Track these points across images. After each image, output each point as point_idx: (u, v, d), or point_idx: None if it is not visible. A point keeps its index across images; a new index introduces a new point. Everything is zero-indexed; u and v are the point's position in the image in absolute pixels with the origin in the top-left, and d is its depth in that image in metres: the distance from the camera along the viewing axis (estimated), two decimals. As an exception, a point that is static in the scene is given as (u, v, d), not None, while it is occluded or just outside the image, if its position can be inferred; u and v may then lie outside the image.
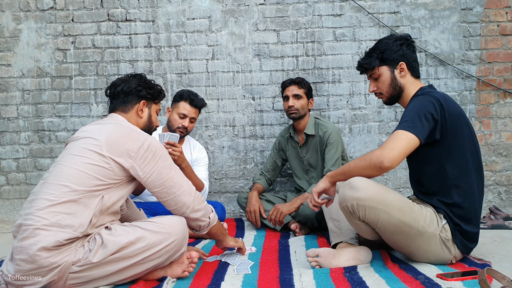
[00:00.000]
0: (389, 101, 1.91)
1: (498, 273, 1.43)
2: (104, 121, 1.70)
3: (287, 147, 2.88)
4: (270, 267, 1.80)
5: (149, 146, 1.59)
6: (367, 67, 1.89)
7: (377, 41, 1.92)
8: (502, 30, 3.16)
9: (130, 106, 1.77)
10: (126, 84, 1.78)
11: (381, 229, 1.67)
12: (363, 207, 1.62)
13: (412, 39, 1.90)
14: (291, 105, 2.68)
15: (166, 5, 3.20)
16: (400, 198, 1.66)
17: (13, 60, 3.20)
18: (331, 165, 2.59)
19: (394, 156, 1.57)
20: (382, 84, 1.87)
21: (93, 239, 1.49)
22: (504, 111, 3.17)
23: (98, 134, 1.58)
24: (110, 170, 1.53)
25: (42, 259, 1.38)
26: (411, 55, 1.85)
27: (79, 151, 1.54)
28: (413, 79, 1.86)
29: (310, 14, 3.19)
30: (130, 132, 1.61)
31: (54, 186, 1.47)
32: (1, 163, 3.22)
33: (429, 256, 1.70)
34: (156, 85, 1.87)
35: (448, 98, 1.73)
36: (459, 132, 1.69)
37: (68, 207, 1.45)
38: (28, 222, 1.42)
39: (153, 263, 1.52)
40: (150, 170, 1.58)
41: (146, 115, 1.82)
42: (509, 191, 3.17)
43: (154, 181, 1.60)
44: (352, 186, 1.64)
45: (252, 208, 2.63)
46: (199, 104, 2.65)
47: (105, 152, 1.53)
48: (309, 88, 2.77)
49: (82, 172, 1.49)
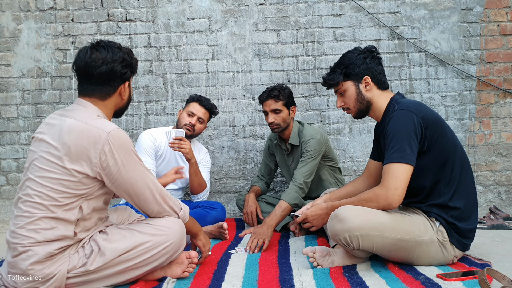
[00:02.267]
0: (358, 116, 1.90)
1: (498, 273, 1.43)
2: (67, 111, 1.51)
3: (276, 152, 2.84)
4: (270, 267, 1.80)
5: (109, 150, 1.41)
6: (331, 83, 1.88)
7: (342, 55, 1.90)
8: (502, 30, 3.16)
9: (112, 91, 1.53)
10: (109, 65, 1.49)
11: (377, 251, 1.68)
12: (355, 238, 1.62)
13: (378, 51, 1.87)
14: (271, 121, 2.57)
15: (166, 5, 3.20)
16: (389, 216, 1.66)
17: (13, 60, 3.20)
18: (300, 167, 2.47)
19: (400, 195, 1.63)
20: (349, 99, 1.86)
21: (88, 245, 1.47)
22: (504, 111, 3.17)
23: (57, 138, 1.42)
24: (77, 181, 1.41)
25: (36, 272, 1.37)
26: (376, 67, 1.83)
27: (41, 162, 1.42)
28: (381, 92, 1.84)
29: (310, 14, 3.19)
30: (89, 136, 1.41)
31: (28, 203, 1.40)
32: (1, 163, 3.22)
33: (431, 261, 1.70)
34: (131, 52, 1.60)
35: (423, 108, 1.73)
36: (443, 137, 1.71)
37: (48, 223, 1.39)
38: (14, 240, 1.39)
39: (152, 265, 1.52)
40: (113, 176, 1.44)
41: (127, 93, 1.61)
42: (509, 191, 3.17)
43: (119, 186, 1.47)
44: (340, 219, 1.64)
45: (249, 210, 2.62)
46: (207, 104, 2.67)
47: (67, 164, 1.39)
48: (289, 97, 2.60)
49: (49, 189, 1.39)
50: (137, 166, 1.48)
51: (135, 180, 1.47)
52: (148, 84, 3.21)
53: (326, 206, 1.86)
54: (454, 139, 1.75)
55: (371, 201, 1.67)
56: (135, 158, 1.48)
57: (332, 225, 1.68)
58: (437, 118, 1.74)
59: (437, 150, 1.70)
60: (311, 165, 2.49)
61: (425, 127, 1.68)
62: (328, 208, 1.84)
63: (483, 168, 3.18)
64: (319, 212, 1.87)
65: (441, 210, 1.70)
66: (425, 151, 1.69)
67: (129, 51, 1.58)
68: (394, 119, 1.71)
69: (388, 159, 1.66)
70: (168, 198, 1.58)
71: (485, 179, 3.18)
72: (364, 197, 1.70)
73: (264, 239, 2.14)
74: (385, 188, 1.64)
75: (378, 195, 1.65)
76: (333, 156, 2.72)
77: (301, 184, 2.42)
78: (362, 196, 1.71)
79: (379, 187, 1.67)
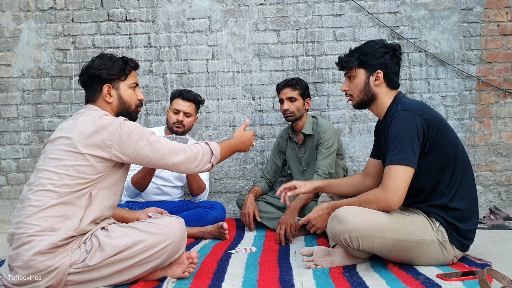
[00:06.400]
0: (358, 105, 1.88)
1: (498, 273, 1.43)
2: (78, 115, 1.63)
3: (286, 148, 2.88)
4: (270, 267, 1.80)
5: (122, 129, 1.53)
6: (345, 65, 1.85)
7: (365, 42, 1.88)
8: (502, 30, 3.16)
9: (97, 95, 1.66)
10: (86, 73, 1.66)
11: (377, 252, 1.68)
12: (355, 238, 1.62)
13: (401, 52, 1.85)
14: (286, 109, 2.68)
15: (166, 5, 3.20)
16: (389, 217, 1.66)
17: (13, 60, 3.20)
18: (322, 158, 2.57)
19: (399, 198, 1.63)
20: (355, 87, 1.85)
21: (90, 240, 1.48)
22: (504, 111, 3.17)
23: (71, 131, 1.52)
24: (90, 166, 1.49)
25: (38, 263, 1.38)
26: (393, 66, 1.81)
27: (56, 153, 1.50)
28: (389, 90, 1.82)
29: (310, 14, 3.19)
30: (100, 121, 1.53)
31: (39, 192, 1.45)
32: (1, 163, 3.21)
33: (431, 261, 1.70)
34: (118, 59, 1.70)
35: (426, 109, 1.73)
36: (445, 139, 1.71)
37: (58, 210, 1.44)
38: (20, 230, 1.41)
39: (151, 264, 1.52)
40: (132, 152, 1.55)
41: (115, 98, 1.68)
42: (509, 191, 3.17)
43: (141, 159, 1.58)
44: (340, 220, 1.64)
45: (246, 211, 2.61)
46: (190, 96, 2.65)
47: (81, 149, 1.49)
48: (305, 88, 2.74)
49: (63, 175, 1.46)
50: (151, 137, 1.60)
51: (158, 145, 1.60)
52: (148, 84, 3.21)
53: (328, 206, 1.86)
54: (456, 141, 1.75)
55: (371, 202, 1.67)
56: (147, 131, 1.60)
57: (332, 225, 1.68)
58: (440, 119, 1.73)
59: (438, 152, 1.70)
60: (333, 157, 2.61)
61: (427, 128, 1.67)
62: (329, 208, 1.84)
63: (483, 168, 3.18)
64: (321, 213, 1.87)
65: (441, 210, 1.70)
66: (426, 153, 1.69)
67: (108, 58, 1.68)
68: (396, 120, 1.70)
69: (389, 161, 1.66)
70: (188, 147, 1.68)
71: (485, 179, 3.18)
72: (364, 199, 1.70)
73: (286, 226, 2.29)
74: (385, 190, 1.64)
75: (378, 197, 1.65)
76: (343, 153, 2.81)
77: (325, 174, 2.51)
78: (363, 197, 1.71)
79: (379, 189, 1.67)
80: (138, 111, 1.76)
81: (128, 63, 1.71)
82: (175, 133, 2.59)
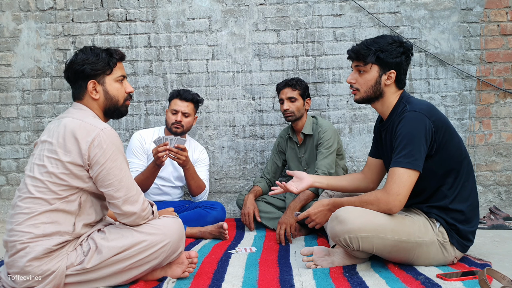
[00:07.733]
0: (361, 101, 1.82)
1: (498, 273, 1.43)
2: (65, 113, 1.58)
3: (286, 148, 2.88)
4: (270, 267, 1.80)
5: (99, 143, 1.45)
6: (361, 58, 1.75)
7: (381, 36, 1.79)
8: (502, 30, 3.16)
9: (83, 92, 1.58)
10: (70, 69, 1.58)
11: (377, 252, 1.67)
12: (355, 239, 1.61)
13: (412, 52, 1.81)
14: (286, 109, 2.69)
15: (166, 5, 3.20)
16: (390, 218, 1.65)
17: (13, 60, 3.20)
18: (322, 158, 2.57)
19: (401, 201, 1.63)
20: (364, 82, 1.77)
21: (86, 243, 1.48)
22: (504, 111, 3.17)
23: (54, 135, 1.48)
24: (72, 174, 1.45)
25: (34, 268, 1.38)
26: (405, 67, 1.78)
27: (41, 159, 1.46)
28: (396, 90, 1.79)
29: (310, 14, 3.19)
30: (81, 129, 1.47)
31: (28, 200, 1.43)
32: (1, 163, 3.22)
33: (431, 262, 1.70)
34: (101, 52, 1.59)
35: (434, 111, 1.71)
36: (450, 142, 1.70)
37: (48, 216, 1.42)
38: (12, 238, 1.41)
39: (149, 264, 1.52)
40: (98, 169, 1.45)
41: (102, 93, 1.59)
42: (509, 191, 3.17)
43: (101, 180, 1.47)
44: (340, 220, 1.64)
45: (246, 211, 2.61)
46: (188, 96, 2.64)
47: (62, 157, 1.44)
48: (305, 88, 2.74)
49: (48, 182, 1.43)
50: (123, 165, 1.51)
51: (124, 174, 1.50)
52: (148, 84, 3.21)
53: (328, 202, 1.84)
54: (460, 144, 1.74)
55: (372, 204, 1.66)
56: (122, 158, 1.51)
57: (332, 226, 1.68)
58: (447, 122, 1.72)
59: (444, 155, 1.69)
60: (332, 157, 2.61)
61: (436, 131, 1.66)
62: (330, 204, 1.82)
63: (483, 168, 3.18)
64: (321, 208, 1.84)
65: (442, 211, 1.70)
66: (432, 155, 1.68)
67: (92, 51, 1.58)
68: (405, 121, 1.67)
69: (394, 163, 1.64)
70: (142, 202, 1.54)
71: (485, 179, 3.18)
72: (365, 199, 1.69)
73: (286, 226, 2.30)
74: (387, 193, 1.63)
75: (379, 199, 1.65)
76: (343, 153, 2.81)
77: (325, 174, 2.51)
78: (364, 198, 1.70)
79: (381, 191, 1.66)
80: (127, 105, 1.67)
81: (113, 56, 1.60)
82: (174, 134, 2.59)
